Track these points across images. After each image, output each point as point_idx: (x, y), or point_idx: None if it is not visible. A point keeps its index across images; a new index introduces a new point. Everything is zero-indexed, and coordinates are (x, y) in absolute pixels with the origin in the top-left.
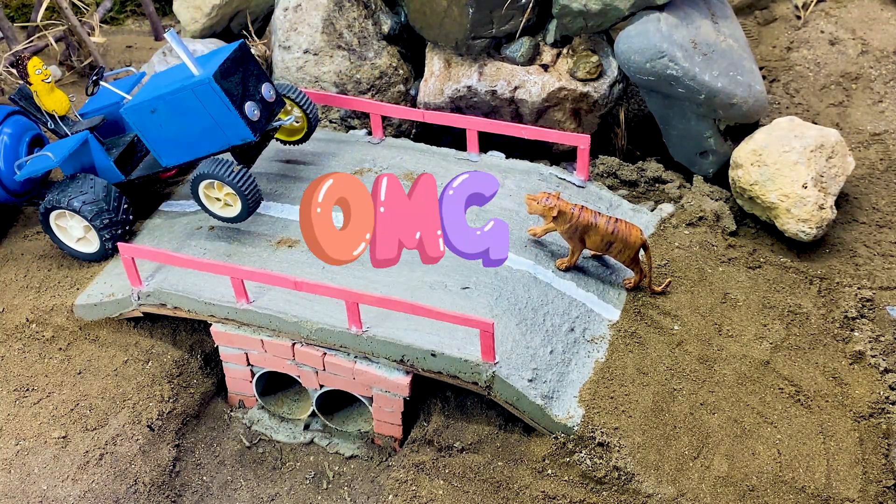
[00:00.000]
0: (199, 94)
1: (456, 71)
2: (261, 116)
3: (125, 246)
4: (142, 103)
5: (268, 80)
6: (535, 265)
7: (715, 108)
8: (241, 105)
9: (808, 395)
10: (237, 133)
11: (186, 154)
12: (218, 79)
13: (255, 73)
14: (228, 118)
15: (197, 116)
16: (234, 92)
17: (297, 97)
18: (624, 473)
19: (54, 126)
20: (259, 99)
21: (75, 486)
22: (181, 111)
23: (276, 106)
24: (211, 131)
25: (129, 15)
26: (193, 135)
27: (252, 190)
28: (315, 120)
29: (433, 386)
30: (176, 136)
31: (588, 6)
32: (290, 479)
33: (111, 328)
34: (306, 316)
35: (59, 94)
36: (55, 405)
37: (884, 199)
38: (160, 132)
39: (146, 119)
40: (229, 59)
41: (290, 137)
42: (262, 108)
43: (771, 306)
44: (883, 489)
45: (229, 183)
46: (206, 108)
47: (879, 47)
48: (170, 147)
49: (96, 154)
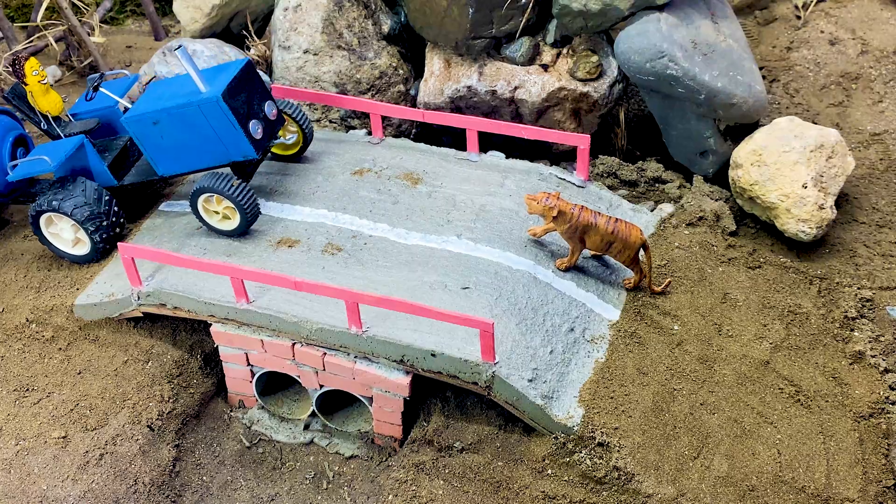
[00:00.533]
0: (206, 111)
1: (456, 71)
2: (263, 134)
3: (125, 246)
4: (145, 114)
5: (270, 97)
6: (535, 265)
7: (715, 108)
8: (246, 123)
9: (808, 395)
10: (240, 150)
11: (184, 166)
12: (226, 97)
13: (260, 91)
14: (233, 136)
15: (201, 131)
16: (241, 110)
17: (295, 113)
18: (624, 473)
19: (47, 127)
20: (262, 117)
21: (75, 486)
22: (185, 125)
23: (277, 123)
24: (213, 146)
25: (128, 15)
26: (194, 148)
27: (251, 204)
28: (310, 136)
29: (433, 386)
30: (176, 148)
31: (588, 6)
32: (290, 479)
33: (111, 328)
34: (306, 316)
35: (53, 96)
36: (55, 405)
37: (884, 199)
38: (160, 142)
39: (147, 129)
40: (236, 78)
41: (285, 152)
42: (265, 126)
43: (771, 306)
44: (883, 489)
45: (229, 197)
46: (212, 124)
47: (879, 47)
48: (168, 158)
49: (91, 158)
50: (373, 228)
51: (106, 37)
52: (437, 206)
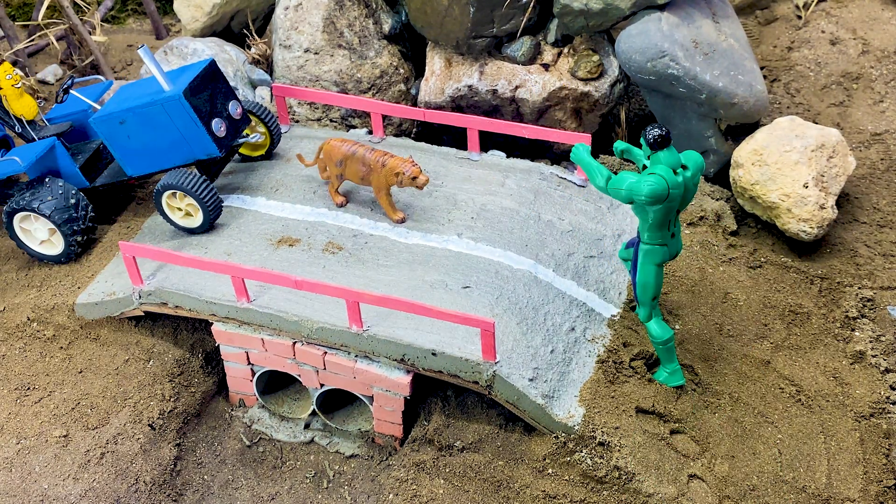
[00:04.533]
0: (169, 109)
1: (457, 70)
2: (227, 133)
3: (127, 245)
4: (111, 114)
5: (235, 97)
6: (536, 264)
7: (716, 108)
8: (209, 121)
9: (809, 394)
10: (203, 148)
11: (152, 165)
12: (187, 95)
13: (224, 90)
14: (195, 133)
15: (165, 130)
16: (203, 108)
17: (262, 114)
18: (625, 473)
19: (21, 130)
20: (226, 116)
21: (76, 484)
22: (150, 124)
23: (242, 123)
24: (177, 145)
25: (130, 14)
26: (160, 148)
27: (213, 201)
28: (278, 136)
29: (434, 385)
30: (143, 148)
31: (589, 5)
32: (290, 478)
33: (112, 327)
34: (307, 315)
35: (27, 99)
36: (56, 404)
37: (884, 198)
38: (127, 143)
39: (114, 130)
40: (199, 77)
41: (253, 153)
42: (229, 125)
43: (772, 306)
44: (884, 489)
45: (192, 194)
46: (175, 122)
47: (880, 47)
48: (136, 158)
49: (62, 160)
50: (373, 227)
51: (107, 36)
52: (437, 206)
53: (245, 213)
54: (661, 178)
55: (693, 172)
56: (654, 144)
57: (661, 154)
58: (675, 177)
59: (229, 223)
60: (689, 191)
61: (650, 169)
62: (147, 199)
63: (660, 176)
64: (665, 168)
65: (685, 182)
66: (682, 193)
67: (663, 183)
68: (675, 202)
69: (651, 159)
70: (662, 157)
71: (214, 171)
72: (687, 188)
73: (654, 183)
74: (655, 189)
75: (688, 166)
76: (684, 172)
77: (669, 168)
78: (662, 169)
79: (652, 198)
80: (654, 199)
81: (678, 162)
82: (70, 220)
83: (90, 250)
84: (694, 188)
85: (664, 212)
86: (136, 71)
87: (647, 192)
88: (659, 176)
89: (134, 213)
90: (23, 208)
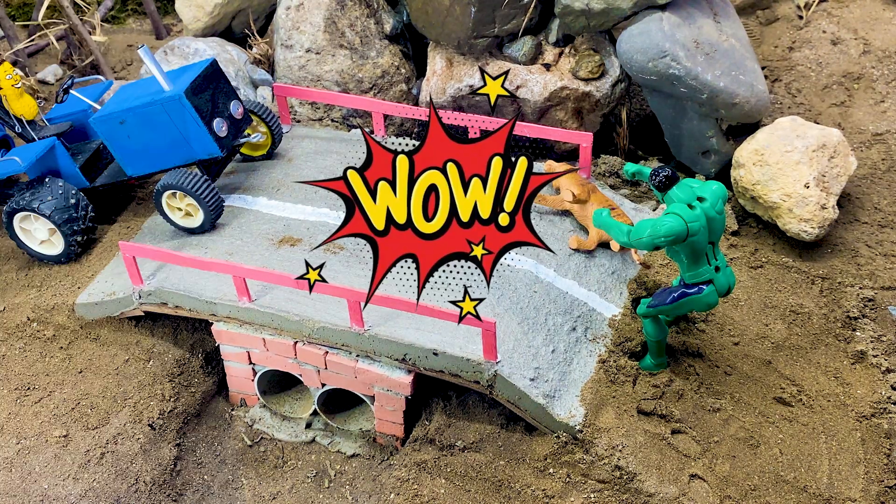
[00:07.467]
0: (169, 109)
1: (458, 70)
2: (228, 133)
3: (127, 245)
4: (111, 114)
5: (236, 97)
6: (537, 264)
7: (717, 108)
8: (210, 121)
9: (810, 394)
10: (204, 148)
11: (152, 165)
12: (189, 95)
13: (225, 90)
14: (197, 133)
15: (165, 130)
16: (204, 108)
17: (263, 114)
18: (626, 473)
19: (21, 130)
20: (227, 116)
21: (76, 484)
22: (150, 124)
23: (243, 123)
24: (178, 145)
25: (130, 14)
26: (160, 148)
27: (214, 201)
28: (279, 136)
29: (435, 385)
30: (143, 148)
31: (590, 5)
32: (291, 478)
33: (112, 327)
34: (308, 314)
35: (27, 99)
36: (56, 404)
37: (886, 198)
38: (127, 143)
39: (114, 129)
40: (200, 77)
41: (254, 152)
42: (230, 125)
43: (773, 306)
44: (885, 489)
45: (192, 194)
46: (175, 122)
47: (881, 47)
48: (136, 158)
49: (62, 160)
50: None
51: (107, 36)
52: None
53: (246, 212)
54: (677, 216)
55: (712, 202)
56: (663, 185)
57: (673, 192)
58: (692, 211)
59: (230, 223)
60: (714, 220)
61: (667, 209)
62: (147, 199)
63: (675, 214)
64: (680, 205)
65: (705, 213)
66: (704, 225)
67: (679, 220)
68: (699, 235)
69: (665, 200)
70: (675, 194)
71: (216, 170)
72: (710, 218)
73: (671, 222)
74: (673, 227)
75: (704, 197)
76: (701, 204)
77: (684, 204)
78: (677, 206)
79: (670, 237)
80: (673, 238)
81: (693, 195)
82: (70, 220)
83: (90, 250)
84: (720, 216)
85: (692, 247)
86: (136, 71)
87: (664, 233)
88: (674, 214)
89: (134, 213)
90: (23, 208)
